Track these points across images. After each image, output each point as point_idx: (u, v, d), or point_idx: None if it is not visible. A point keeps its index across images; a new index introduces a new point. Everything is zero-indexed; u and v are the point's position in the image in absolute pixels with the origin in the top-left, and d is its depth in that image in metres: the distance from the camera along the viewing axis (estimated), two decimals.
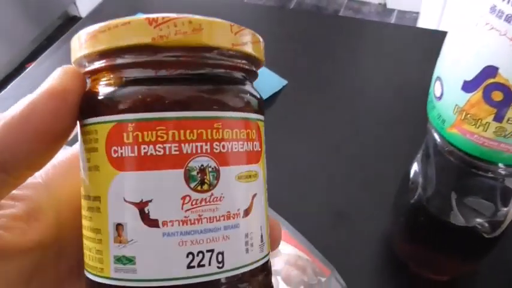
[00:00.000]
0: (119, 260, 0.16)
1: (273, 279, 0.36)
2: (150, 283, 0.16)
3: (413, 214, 0.36)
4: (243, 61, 0.18)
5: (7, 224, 0.17)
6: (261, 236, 0.18)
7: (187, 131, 0.16)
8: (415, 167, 0.35)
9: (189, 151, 0.16)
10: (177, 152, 0.16)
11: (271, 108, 0.54)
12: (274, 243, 0.21)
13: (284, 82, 0.56)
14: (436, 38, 0.62)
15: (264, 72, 0.56)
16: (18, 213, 0.17)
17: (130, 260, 0.16)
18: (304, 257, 0.37)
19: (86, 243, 0.18)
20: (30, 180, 0.19)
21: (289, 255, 0.37)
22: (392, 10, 0.91)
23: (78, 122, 0.18)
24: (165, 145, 0.16)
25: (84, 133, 0.17)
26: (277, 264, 0.36)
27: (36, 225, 0.18)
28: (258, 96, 0.19)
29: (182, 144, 0.16)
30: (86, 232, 0.18)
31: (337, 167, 0.48)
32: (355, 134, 0.52)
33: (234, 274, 0.17)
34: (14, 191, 0.18)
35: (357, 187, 0.46)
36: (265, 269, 0.19)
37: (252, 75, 0.19)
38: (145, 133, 0.16)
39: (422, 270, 0.39)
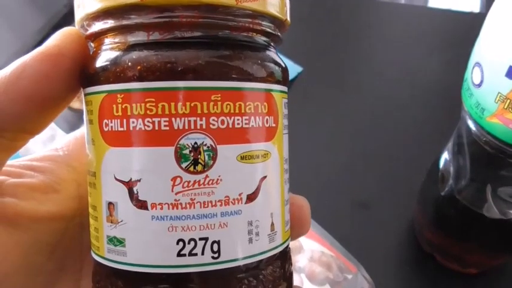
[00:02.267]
0: (110, 240, 0.16)
1: (297, 277, 0.35)
2: (140, 268, 0.15)
3: (443, 206, 0.34)
4: (259, 21, 0.16)
5: (23, 193, 0.17)
6: (272, 224, 0.16)
7: (179, 104, 0.14)
8: (445, 157, 0.34)
9: (181, 127, 0.14)
10: (167, 128, 0.14)
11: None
12: (301, 226, 0.19)
13: (299, 69, 0.54)
14: (457, 19, 0.60)
15: None
16: (36, 184, 0.17)
17: (120, 242, 0.15)
18: (328, 253, 0.35)
19: (90, 219, 0.17)
20: (51, 152, 0.19)
21: (312, 251, 0.35)
22: None
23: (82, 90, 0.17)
24: (153, 119, 0.14)
25: (85, 103, 0.16)
26: (301, 261, 0.35)
27: (55, 196, 0.18)
28: (270, 64, 0.16)
29: (172, 119, 0.14)
30: (89, 208, 0.17)
31: (358, 156, 0.47)
32: (375, 121, 0.50)
33: (232, 266, 0.15)
34: (34, 163, 0.18)
35: (379, 178, 0.44)
36: (278, 261, 0.17)
37: (275, 40, 0.17)
38: (133, 105, 0.14)
39: (450, 264, 0.37)
